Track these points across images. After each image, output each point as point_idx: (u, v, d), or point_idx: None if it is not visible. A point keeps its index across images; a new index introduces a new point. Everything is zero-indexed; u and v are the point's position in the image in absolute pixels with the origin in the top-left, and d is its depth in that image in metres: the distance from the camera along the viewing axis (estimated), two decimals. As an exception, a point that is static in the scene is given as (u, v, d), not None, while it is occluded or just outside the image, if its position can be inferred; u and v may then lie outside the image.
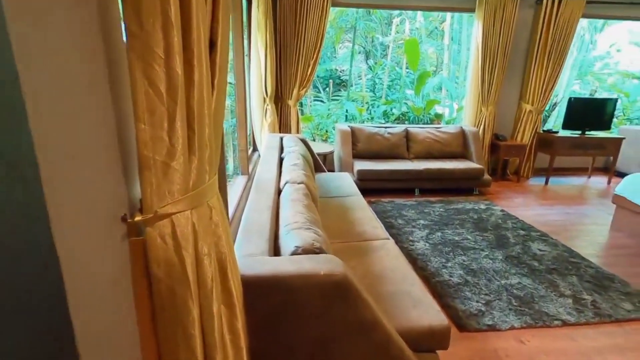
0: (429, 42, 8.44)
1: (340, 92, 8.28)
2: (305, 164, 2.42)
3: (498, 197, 4.05)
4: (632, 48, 8.74)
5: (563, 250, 2.76)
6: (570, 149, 4.50)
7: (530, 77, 4.55)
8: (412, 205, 3.66)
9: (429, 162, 4.09)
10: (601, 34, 7.65)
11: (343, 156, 4.04)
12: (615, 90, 7.09)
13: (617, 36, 8.07)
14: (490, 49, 4.30)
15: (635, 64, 8.43)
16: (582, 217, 3.51)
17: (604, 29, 7.51)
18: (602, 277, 2.39)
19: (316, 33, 4.00)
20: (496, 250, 2.72)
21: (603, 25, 7.44)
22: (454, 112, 7.39)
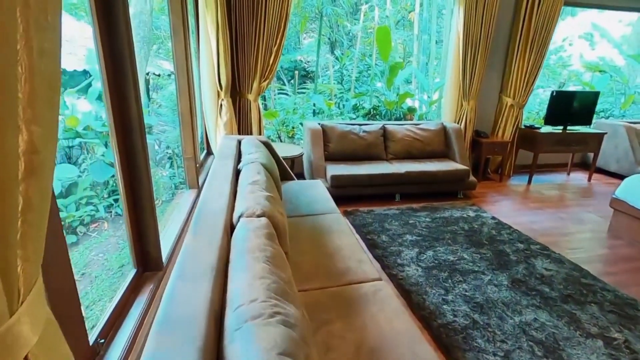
0: (397, 32, 8.04)
1: (306, 84, 7.69)
2: (267, 180, 1.84)
3: (485, 201, 3.69)
4: (583, 42, 8.93)
5: (571, 268, 2.41)
6: (553, 145, 4.25)
7: (511, 69, 4.23)
8: (395, 214, 3.19)
9: (410, 163, 3.64)
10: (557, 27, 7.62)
11: (314, 159, 3.49)
12: (583, 84, 7.08)
13: (569, 30, 8.12)
14: (473, 37, 3.91)
15: (587, 57, 8.60)
16: (577, 223, 3.22)
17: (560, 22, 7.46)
18: (623, 304, 2.04)
19: (279, 14, 3.38)
20: (499, 273, 2.31)
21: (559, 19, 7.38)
22: (427, 105, 7.08)
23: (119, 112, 1.31)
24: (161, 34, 5.74)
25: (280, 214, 1.58)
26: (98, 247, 2.91)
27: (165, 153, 4.17)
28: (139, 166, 1.42)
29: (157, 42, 5.93)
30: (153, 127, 4.42)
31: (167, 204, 3.56)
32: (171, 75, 4.60)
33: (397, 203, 3.51)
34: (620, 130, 4.45)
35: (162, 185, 3.88)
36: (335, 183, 3.30)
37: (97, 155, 3.15)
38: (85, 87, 3.31)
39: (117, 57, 1.26)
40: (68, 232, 2.81)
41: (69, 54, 3.41)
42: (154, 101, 5.16)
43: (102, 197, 3.14)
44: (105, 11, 1.21)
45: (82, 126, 3.08)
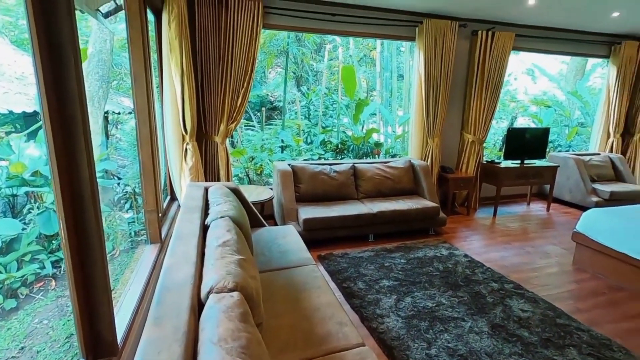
0: (360, 69, 8.37)
1: (274, 118, 7.71)
2: (238, 238, 1.72)
3: (455, 237, 3.73)
4: (526, 77, 9.81)
5: (545, 307, 2.43)
6: (513, 179, 4.46)
7: (470, 108, 4.46)
8: (370, 257, 3.12)
9: (381, 202, 3.64)
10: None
11: (285, 202, 3.39)
12: (531, 117, 7.64)
13: (513, 67, 8.85)
14: (433, 79, 4.10)
15: (531, 91, 9.42)
16: (543, 257, 3.32)
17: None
18: (599, 345, 2.06)
19: (246, 57, 3.37)
20: (478, 318, 2.28)
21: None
22: (391, 139, 7.29)
23: (65, 162, 1.14)
24: (122, 71, 5.56)
25: (253, 279, 1.45)
26: (42, 311, 2.57)
27: (125, 192, 3.89)
28: (88, 232, 1.25)
29: (117, 78, 5.72)
30: (109, 158, 4.16)
31: (126, 255, 3.28)
32: (132, 113, 4.42)
33: (371, 243, 3.46)
34: (570, 163, 4.77)
35: (121, 233, 3.58)
36: (308, 226, 3.20)
37: (47, 204, 2.86)
38: (35, 130, 3.06)
39: (65, 98, 1.11)
40: (7, 296, 2.47)
41: (18, 93, 3.16)
42: (115, 139, 4.90)
43: (49, 250, 2.82)
44: (50, 47, 1.07)
45: (30, 172, 2.81)
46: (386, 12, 3.91)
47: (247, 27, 3.29)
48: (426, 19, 3.94)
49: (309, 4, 3.60)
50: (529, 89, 9.62)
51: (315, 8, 3.63)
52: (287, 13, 3.56)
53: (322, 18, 3.69)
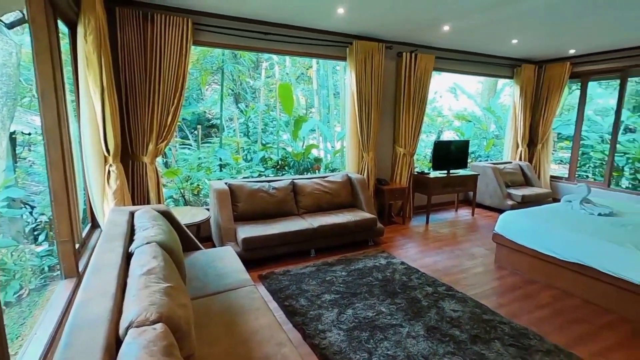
0: (298, 87, 8.53)
1: (211, 137, 7.47)
2: (166, 264, 1.61)
3: (393, 246, 3.90)
4: (449, 94, 10.84)
5: (473, 305, 2.62)
6: (441, 188, 4.82)
7: (400, 123, 4.77)
8: (311, 272, 3.12)
9: (321, 216, 3.69)
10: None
11: (222, 222, 3.27)
12: (455, 130, 8.39)
13: (438, 85, 9.71)
14: (365, 96, 4.33)
15: (453, 107, 10.41)
16: (470, 258, 3.60)
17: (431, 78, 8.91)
18: (519, 335, 2.27)
19: (176, 74, 3.25)
20: (415, 323, 2.38)
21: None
22: (330, 155, 7.47)
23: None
24: (34, 87, 5.01)
25: (183, 307, 1.36)
26: None
27: (38, 222, 3.45)
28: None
29: (28, 94, 5.14)
30: (17, 184, 3.68)
31: (36, 294, 2.88)
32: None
33: (313, 259, 3.47)
34: (488, 171, 5.30)
35: (31, 269, 3.15)
36: (248, 246, 3.11)
37: None
38: None
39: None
40: None
41: None
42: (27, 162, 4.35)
43: None
44: None
45: None
46: (318, 33, 4.06)
47: (175, 43, 3.18)
48: (355, 41, 4.17)
49: (241, 22, 3.61)
50: (453, 106, 10.60)
51: (247, 26, 3.65)
52: (219, 30, 3.53)
53: (256, 36, 3.72)
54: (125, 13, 3.00)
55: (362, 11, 3.39)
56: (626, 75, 5.01)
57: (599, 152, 6.65)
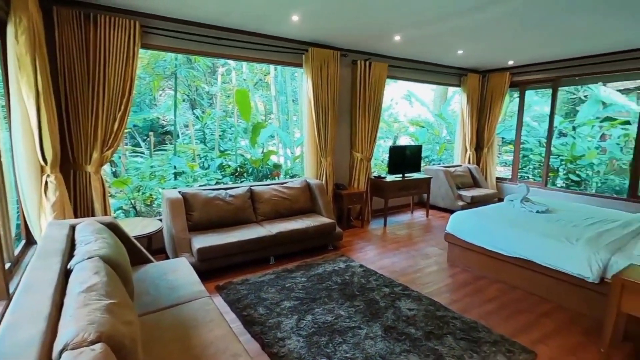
0: (256, 93, 8.45)
1: (165, 144, 7.17)
2: (110, 280, 1.51)
3: (352, 250, 3.96)
4: (404, 102, 11.32)
5: (427, 303, 2.72)
6: (397, 191, 4.98)
7: (356, 129, 4.88)
8: (271, 280, 3.08)
9: (280, 222, 3.66)
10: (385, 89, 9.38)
11: (175, 232, 3.13)
12: (410, 135, 8.74)
13: (394, 92, 10.10)
14: (322, 102, 4.39)
15: (408, 114, 10.87)
16: (425, 258, 3.75)
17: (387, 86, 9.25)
18: (469, 329, 2.39)
19: (123, 79, 3.09)
20: (372, 323, 2.42)
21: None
22: (290, 161, 7.47)
23: None
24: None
25: (128, 324, 1.29)
26: None
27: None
28: None
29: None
30: None
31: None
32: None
33: (272, 266, 3.43)
34: (440, 174, 5.58)
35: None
36: (203, 256, 3.01)
37: None
38: None
39: None
40: None
41: None
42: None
43: None
44: None
45: None
46: (274, 39, 4.06)
47: (121, 46, 3.03)
48: (311, 48, 4.23)
49: (194, 27, 3.53)
50: (408, 112, 11.05)
51: (200, 31, 3.57)
52: (170, 34, 3.41)
53: (210, 41, 3.64)
54: (64, 13, 2.81)
55: (316, 19, 3.45)
56: (557, 85, 5.52)
57: (537, 154, 7.25)
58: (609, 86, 6.76)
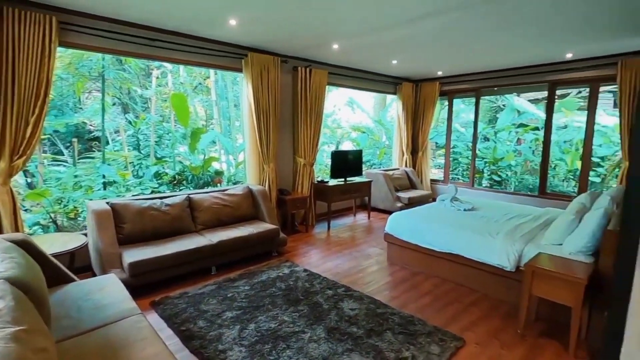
0: (196, 97, 8.14)
1: (93, 151, 6.57)
2: (18, 304, 1.34)
3: (296, 255, 3.97)
4: (347, 108, 11.71)
5: (369, 302, 2.82)
6: (340, 195, 5.11)
7: (299, 134, 4.92)
8: (212, 291, 2.97)
9: (222, 231, 3.55)
10: (328, 96, 9.60)
11: (103, 247, 2.88)
12: (352, 141, 9.03)
13: (336, 99, 10.41)
14: (263, 108, 4.36)
15: (351, 120, 11.26)
16: (366, 258, 3.88)
17: (329, 93, 9.47)
18: (406, 323, 2.52)
19: (37, 79, 2.79)
20: (316, 326, 2.45)
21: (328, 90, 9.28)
22: (233, 167, 7.29)
23: None
24: None
25: (41, 352, 1.16)
26: None
27: None
28: None
29: None
30: None
31: None
32: None
33: (214, 276, 3.30)
34: (380, 178, 5.84)
35: None
36: (136, 271, 2.80)
37: None
38: None
39: None
40: None
41: None
42: None
43: None
44: None
45: None
46: (213, 43, 3.96)
47: (34, 43, 2.74)
48: (251, 53, 4.19)
49: (123, 26, 3.31)
50: (350, 118, 11.42)
51: (131, 30, 3.36)
52: (95, 32, 3.16)
53: (141, 42, 3.44)
54: (-39, 3, 2.47)
55: (255, 25, 3.43)
56: (479, 95, 6.10)
57: (465, 158, 7.92)
58: (522, 96, 7.64)
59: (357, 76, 5.68)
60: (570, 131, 7.04)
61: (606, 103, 6.90)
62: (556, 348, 2.30)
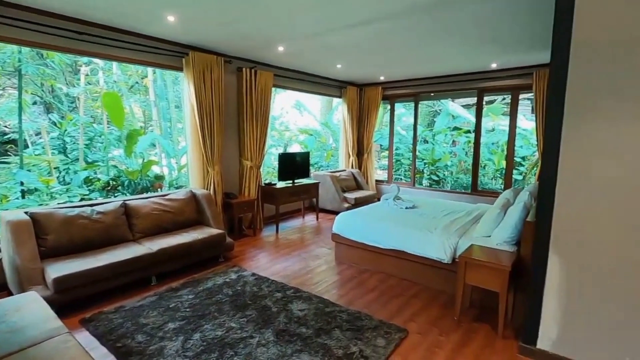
0: (132, 97, 7.62)
1: (8, 155, 5.83)
2: None
3: (244, 259, 3.88)
4: (294, 111, 11.77)
5: (317, 301, 2.85)
6: (288, 197, 5.10)
7: (245, 136, 4.83)
8: (152, 302, 2.79)
9: (163, 238, 3.36)
10: (275, 99, 9.56)
11: (21, 262, 2.57)
12: (300, 143, 9.07)
13: (284, 102, 10.43)
14: (206, 109, 4.21)
15: (299, 123, 11.34)
16: (315, 259, 3.92)
17: (277, 95, 9.44)
18: (353, 319, 2.59)
19: None
20: (265, 330, 2.42)
21: (275, 93, 9.24)
22: (175, 171, 6.93)
23: None
24: None
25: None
26: None
27: None
28: None
29: None
30: None
31: None
32: None
33: (155, 287, 3.11)
34: (327, 179, 5.94)
35: None
36: (63, 287, 2.53)
37: None
38: None
39: None
40: None
41: None
42: None
43: None
44: None
45: None
46: (150, 40, 3.74)
47: None
48: (192, 52, 4.02)
49: (44, 16, 2.99)
50: (298, 121, 11.46)
51: (53, 22, 3.05)
52: (8, 22, 2.81)
53: (67, 35, 3.14)
54: None
55: (195, 23, 3.31)
56: (418, 99, 6.49)
57: (407, 159, 8.36)
58: (456, 102, 8.27)
59: (304, 79, 5.73)
60: (497, 134, 7.78)
61: (525, 109, 7.72)
62: (487, 330, 2.52)
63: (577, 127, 1.95)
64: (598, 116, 1.89)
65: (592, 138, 1.92)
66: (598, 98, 1.88)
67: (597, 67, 1.87)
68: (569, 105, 1.96)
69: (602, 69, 1.86)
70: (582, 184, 1.97)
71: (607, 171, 1.90)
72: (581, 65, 1.91)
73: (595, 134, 1.91)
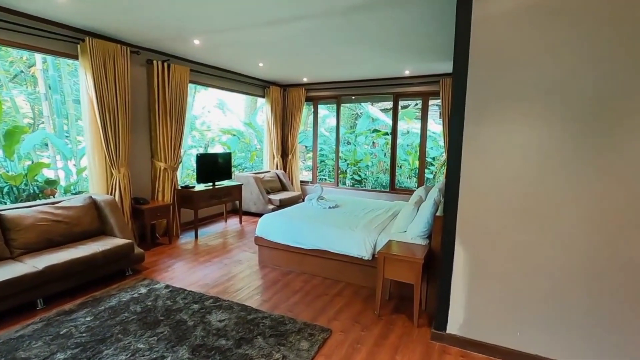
0: (15, 88, 6.48)
1: None
2: None
3: (157, 270, 3.52)
4: (217, 110, 11.27)
5: (239, 309, 2.70)
6: (208, 200, 4.80)
7: (157, 135, 4.41)
8: (36, 331, 2.34)
9: (53, 253, 2.86)
10: (195, 97, 9.03)
11: None
12: (222, 144, 8.66)
13: (206, 100, 9.93)
14: (109, 104, 3.73)
15: (222, 123, 10.89)
16: (237, 264, 3.74)
17: (197, 93, 8.92)
18: (277, 324, 2.50)
19: None
20: (178, 347, 2.20)
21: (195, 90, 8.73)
22: (74, 174, 6.04)
23: None
24: None
25: None
26: None
27: None
28: None
29: None
30: None
31: None
32: None
33: (41, 311, 2.63)
34: (251, 181, 5.75)
35: None
36: None
37: None
38: None
39: None
40: None
41: None
42: None
43: None
44: None
45: None
46: (34, 20, 3.17)
47: None
48: (89, 38, 3.53)
49: None
50: (221, 121, 10.95)
51: None
52: None
53: None
54: None
55: (89, 4, 2.89)
56: (340, 102, 6.67)
57: (331, 160, 8.56)
58: (375, 105, 8.72)
59: (225, 77, 5.47)
60: (411, 136, 8.41)
61: (435, 114, 8.50)
62: (404, 321, 2.65)
63: (475, 129, 2.15)
64: (489, 119, 2.11)
65: (486, 138, 2.14)
66: (489, 103, 2.10)
67: (487, 78, 2.09)
68: (468, 110, 2.15)
69: (491, 80, 2.09)
70: (479, 179, 2.18)
71: (495, 166, 2.13)
72: (477, 75, 2.11)
73: (487, 135, 2.13)
